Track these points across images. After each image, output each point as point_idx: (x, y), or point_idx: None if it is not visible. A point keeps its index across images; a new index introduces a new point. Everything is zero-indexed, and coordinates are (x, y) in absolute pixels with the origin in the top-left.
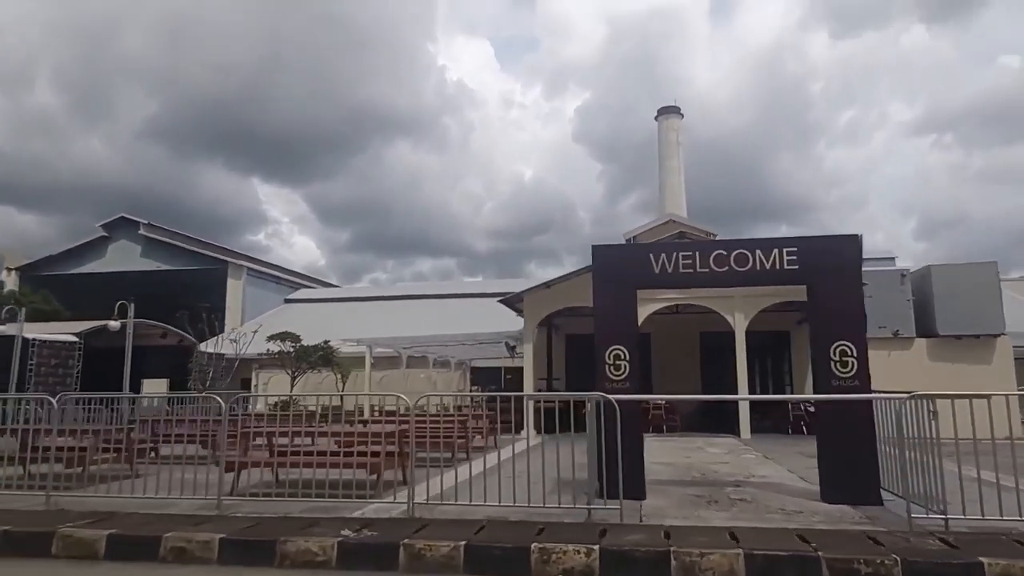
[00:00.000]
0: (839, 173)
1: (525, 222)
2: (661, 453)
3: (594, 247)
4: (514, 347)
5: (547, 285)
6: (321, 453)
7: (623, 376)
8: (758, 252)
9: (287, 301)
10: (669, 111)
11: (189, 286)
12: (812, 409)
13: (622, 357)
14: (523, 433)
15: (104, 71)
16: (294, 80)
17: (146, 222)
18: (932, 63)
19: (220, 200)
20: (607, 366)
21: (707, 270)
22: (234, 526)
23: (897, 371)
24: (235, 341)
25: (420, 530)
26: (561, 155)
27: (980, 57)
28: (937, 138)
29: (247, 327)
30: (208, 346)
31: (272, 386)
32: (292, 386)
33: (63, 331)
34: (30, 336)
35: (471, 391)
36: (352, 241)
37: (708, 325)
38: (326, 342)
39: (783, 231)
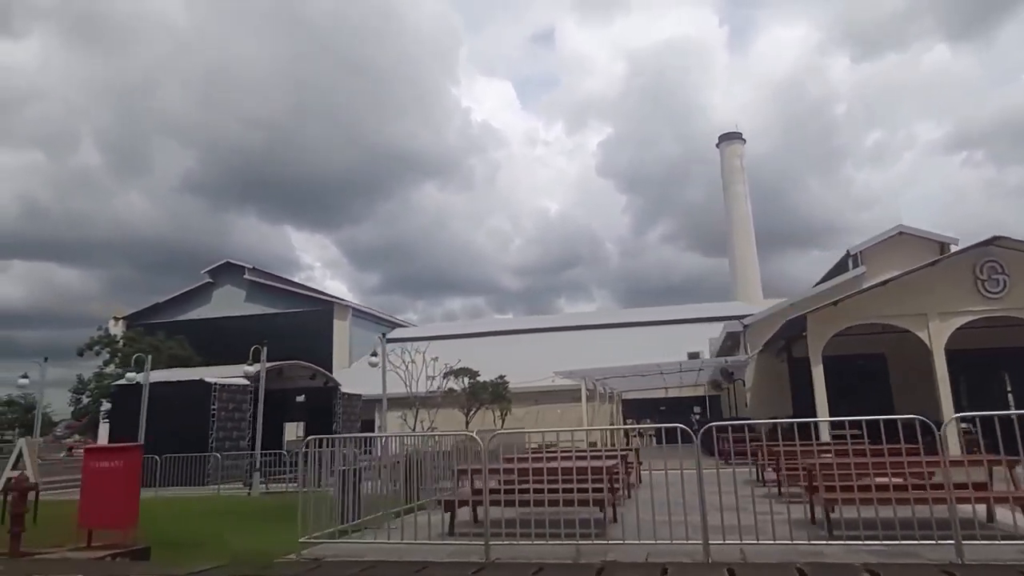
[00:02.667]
0: (868, 195)
1: (553, 258)
2: None
3: None
4: (732, 373)
5: (835, 303)
6: (553, 490)
7: None
8: None
9: (389, 340)
10: (731, 137)
11: (295, 328)
12: None
13: None
14: None
15: (141, 128)
16: (322, 128)
17: (250, 267)
18: (957, 81)
19: (254, 248)
20: None
21: None
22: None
23: None
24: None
25: None
26: (586, 190)
27: (1006, 73)
28: (968, 155)
29: (355, 367)
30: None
31: (398, 427)
32: (467, 423)
33: (231, 375)
34: (211, 380)
35: (627, 424)
36: (383, 283)
37: None
38: (501, 377)
39: (814, 256)
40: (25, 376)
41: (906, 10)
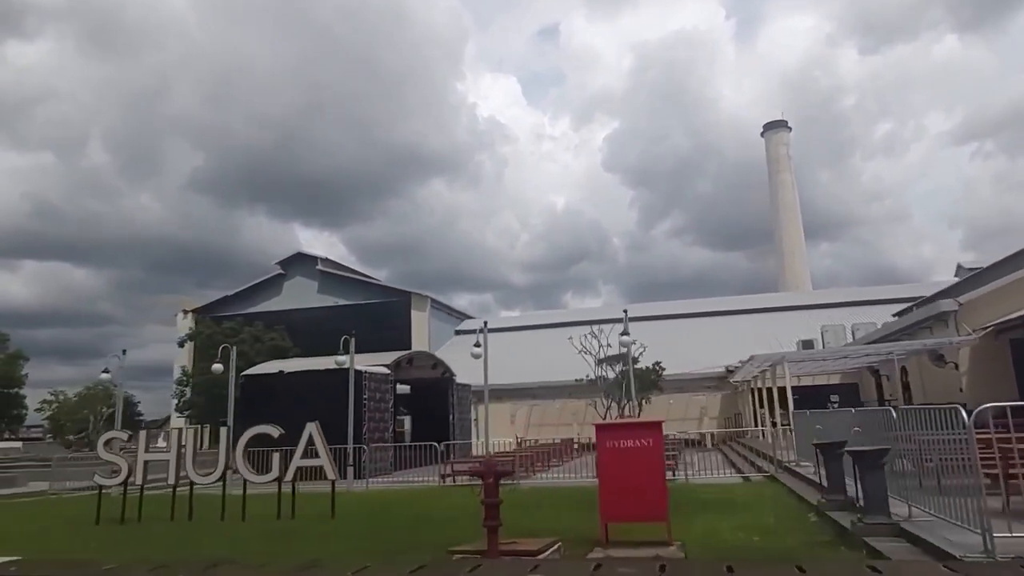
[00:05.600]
0: (878, 187)
1: (560, 253)
2: None
3: None
4: (942, 356)
5: None
6: None
7: None
8: None
9: (457, 332)
10: (777, 125)
11: (372, 319)
12: None
13: None
14: None
15: (152, 128)
16: (330, 126)
17: (323, 257)
18: (967, 72)
19: (263, 246)
20: None
21: None
22: None
23: None
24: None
25: None
26: (593, 184)
27: (1017, 63)
28: (979, 147)
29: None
30: None
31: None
32: (621, 413)
33: (375, 364)
34: (361, 368)
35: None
36: (391, 280)
37: None
38: (657, 363)
39: (823, 248)
40: (107, 371)
41: (915, 0)
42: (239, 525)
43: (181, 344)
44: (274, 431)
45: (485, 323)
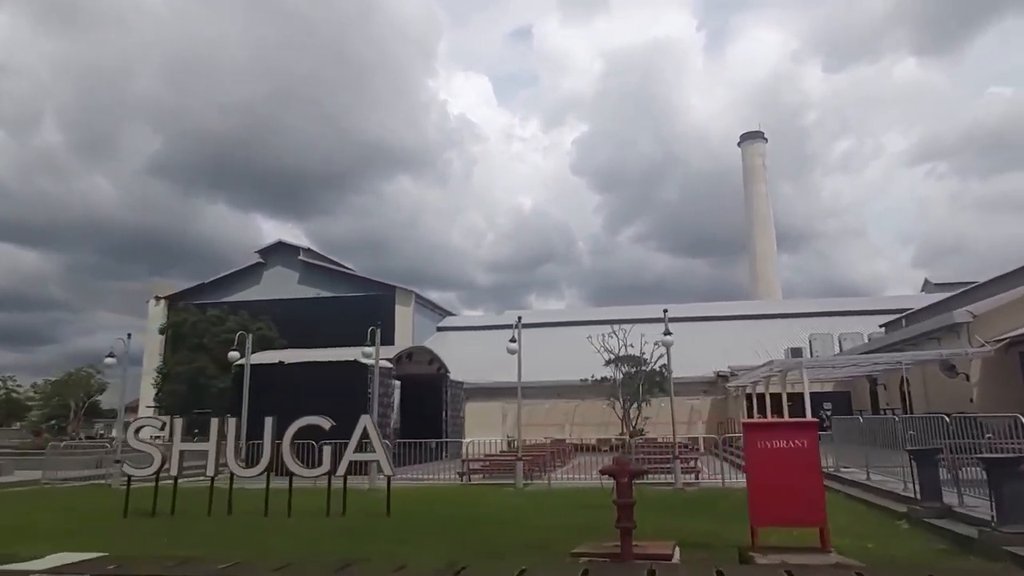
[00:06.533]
0: (837, 203)
1: (526, 254)
2: None
3: None
4: (953, 367)
5: None
6: None
7: None
8: None
9: (439, 329)
10: (753, 136)
11: (354, 312)
12: None
13: None
14: None
15: (110, 109)
16: (296, 117)
17: (306, 247)
18: (925, 94)
19: (222, 236)
20: None
21: None
22: None
23: None
24: None
25: None
26: (560, 187)
27: (972, 88)
28: (932, 168)
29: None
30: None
31: (479, 417)
32: (632, 418)
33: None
34: (366, 361)
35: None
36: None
37: None
38: (663, 367)
39: (783, 260)
40: (111, 355)
41: (879, 23)
42: (288, 521)
43: (163, 331)
44: (325, 423)
45: (519, 318)
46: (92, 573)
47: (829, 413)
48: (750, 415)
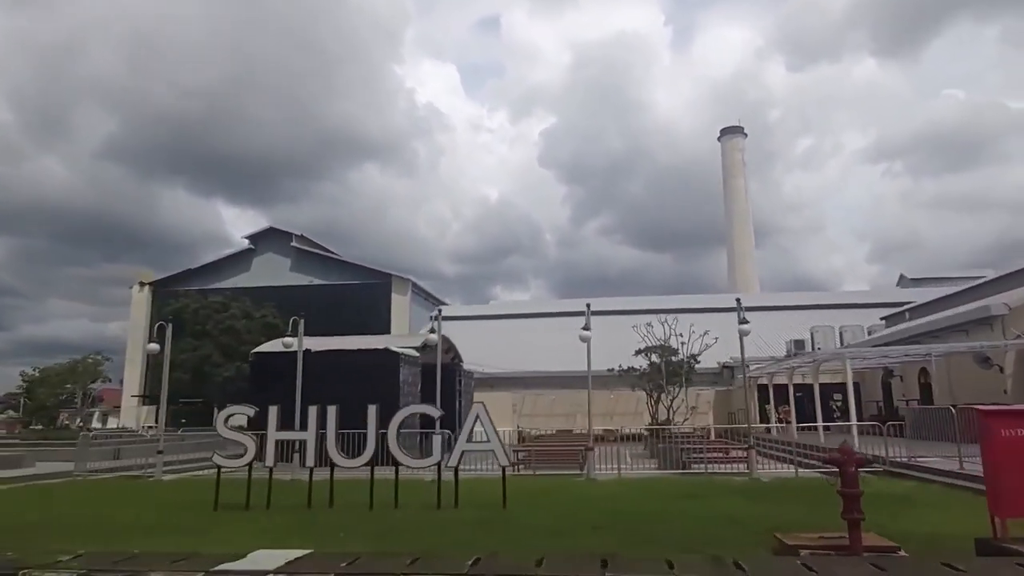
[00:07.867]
0: (797, 199)
1: (491, 245)
2: None
3: None
4: (987, 359)
5: None
6: None
7: None
8: None
9: (433, 319)
10: (733, 131)
11: (350, 300)
12: None
13: None
14: None
15: (62, 88)
16: (260, 101)
17: (299, 234)
18: (883, 95)
19: (181, 221)
20: None
21: None
22: None
23: None
24: None
25: None
26: (527, 178)
27: (927, 90)
28: (888, 166)
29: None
30: None
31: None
32: (667, 408)
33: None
34: (396, 350)
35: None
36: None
37: None
38: (692, 356)
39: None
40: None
41: (840, 23)
42: (407, 514)
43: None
44: (435, 411)
45: (588, 305)
46: (326, 571)
47: (840, 404)
48: (763, 405)
